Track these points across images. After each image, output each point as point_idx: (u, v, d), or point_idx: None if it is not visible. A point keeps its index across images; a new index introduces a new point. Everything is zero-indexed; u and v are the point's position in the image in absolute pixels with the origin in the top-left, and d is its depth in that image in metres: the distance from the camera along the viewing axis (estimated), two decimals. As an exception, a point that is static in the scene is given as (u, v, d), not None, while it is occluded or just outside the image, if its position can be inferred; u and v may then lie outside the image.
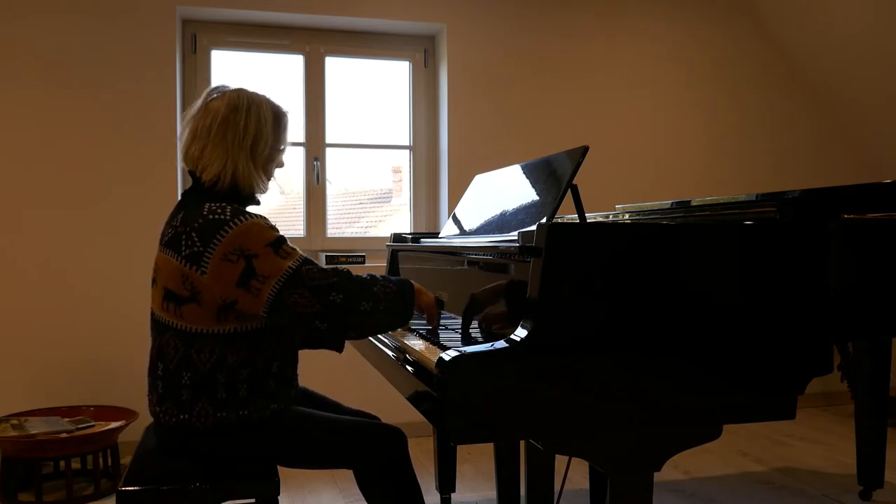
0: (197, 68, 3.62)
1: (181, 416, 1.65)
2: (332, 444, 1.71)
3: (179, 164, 3.46)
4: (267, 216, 1.68)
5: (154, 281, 1.70)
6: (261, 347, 1.67)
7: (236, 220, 1.59)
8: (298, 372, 1.85)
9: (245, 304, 1.59)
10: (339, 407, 1.98)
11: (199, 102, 1.75)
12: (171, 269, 1.62)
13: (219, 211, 1.60)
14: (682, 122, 4.14)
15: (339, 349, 1.95)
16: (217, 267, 1.57)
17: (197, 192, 1.71)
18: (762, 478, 3.08)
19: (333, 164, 3.87)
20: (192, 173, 1.74)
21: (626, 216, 2.48)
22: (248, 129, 1.69)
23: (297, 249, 1.63)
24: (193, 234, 1.59)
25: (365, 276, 1.66)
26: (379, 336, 1.97)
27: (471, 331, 1.74)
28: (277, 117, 1.76)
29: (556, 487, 2.38)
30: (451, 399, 1.28)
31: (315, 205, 3.78)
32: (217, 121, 1.68)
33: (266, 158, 1.75)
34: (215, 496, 1.64)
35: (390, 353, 1.80)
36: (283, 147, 1.80)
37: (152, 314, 1.72)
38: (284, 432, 1.71)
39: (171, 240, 1.63)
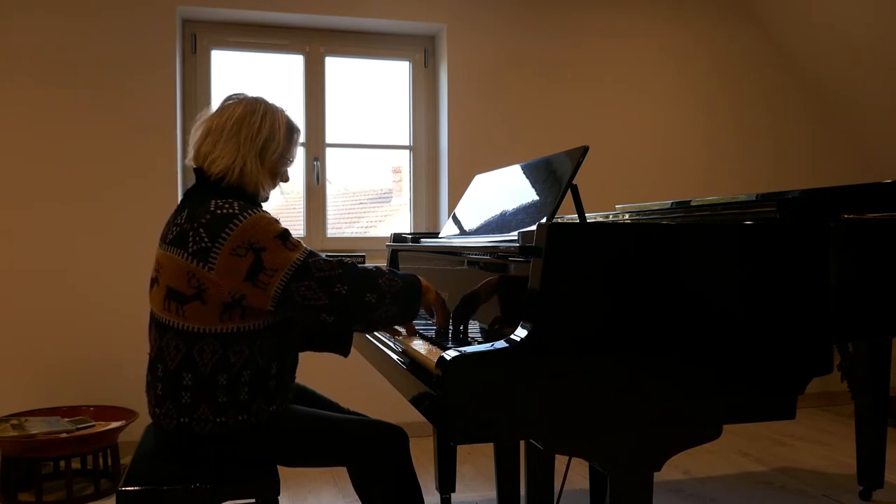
0: (197, 68, 3.62)
1: (181, 420, 1.64)
2: (334, 442, 1.71)
3: (180, 164, 3.46)
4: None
5: (155, 281, 1.68)
6: (262, 347, 1.67)
7: (245, 214, 1.59)
8: (299, 372, 1.85)
9: (253, 298, 1.59)
10: (337, 407, 1.98)
11: (216, 105, 1.79)
12: (176, 266, 1.61)
13: (226, 206, 1.61)
14: (682, 122, 4.14)
15: (346, 352, 1.94)
16: (225, 262, 1.57)
17: (201, 190, 1.71)
18: (762, 478, 3.08)
19: (333, 164, 3.87)
20: (198, 171, 1.75)
21: (626, 216, 2.48)
22: (262, 130, 1.73)
23: (302, 242, 1.65)
24: (201, 230, 1.59)
25: (372, 267, 1.67)
26: (379, 336, 1.97)
27: (469, 334, 1.74)
28: (290, 129, 1.80)
29: (556, 487, 2.38)
30: (452, 399, 1.28)
31: (315, 205, 3.78)
32: (233, 119, 1.72)
33: (274, 163, 1.77)
34: (215, 496, 1.64)
35: (391, 353, 1.80)
36: (291, 159, 1.83)
37: (152, 315, 1.71)
38: (284, 433, 1.71)
39: (177, 237, 1.62)
